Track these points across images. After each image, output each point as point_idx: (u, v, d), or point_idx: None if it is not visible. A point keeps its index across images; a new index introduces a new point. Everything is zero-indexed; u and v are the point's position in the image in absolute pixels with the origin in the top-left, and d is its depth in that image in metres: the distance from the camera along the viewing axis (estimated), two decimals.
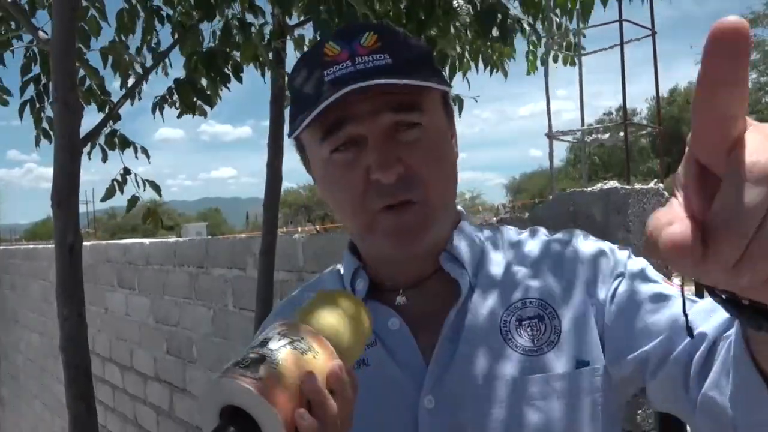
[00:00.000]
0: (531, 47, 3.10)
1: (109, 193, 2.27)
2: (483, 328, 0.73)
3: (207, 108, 2.60)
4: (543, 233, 0.82)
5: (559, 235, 0.81)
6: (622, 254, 0.76)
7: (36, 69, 2.51)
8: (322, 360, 0.55)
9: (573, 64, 3.55)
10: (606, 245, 0.78)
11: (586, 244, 0.78)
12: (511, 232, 0.83)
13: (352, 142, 0.69)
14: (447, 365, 0.71)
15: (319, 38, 1.94)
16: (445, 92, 0.75)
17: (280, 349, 0.53)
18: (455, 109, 2.82)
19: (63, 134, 1.68)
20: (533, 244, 0.80)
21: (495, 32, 1.94)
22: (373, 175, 0.68)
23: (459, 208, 0.83)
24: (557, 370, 0.69)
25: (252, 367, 0.51)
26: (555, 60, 3.54)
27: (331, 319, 0.59)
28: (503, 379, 0.70)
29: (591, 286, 0.73)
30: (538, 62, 3.15)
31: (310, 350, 0.54)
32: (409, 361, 0.73)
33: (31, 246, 7.84)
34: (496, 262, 0.78)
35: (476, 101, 2.91)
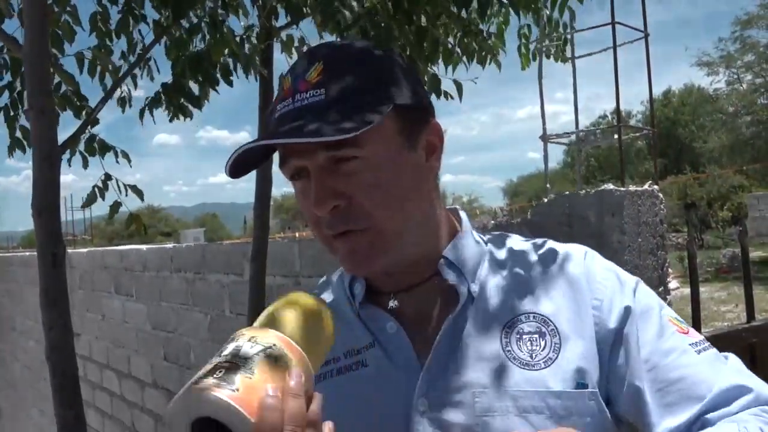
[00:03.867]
0: (523, 40, 3.08)
1: (90, 200, 2.23)
2: (482, 336, 0.74)
3: (196, 111, 2.58)
4: (551, 246, 0.82)
5: (568, 251, 0.81)
6: (630, 283, 0.78)
7: (7, 76, 2.45)
8: (293, 366, 0.54)
9: (564, 60, 3.49)
10: (616, 271, 0.79)
11: (596, 266, 0.79)
12: (517, 241, 0.84)
13: (303, 171, 0.72)
14: (442, 370, 0.73)
15: (289, 23, 1.89)
16: (403, 109, 0.72)
17: (254, 358, 0.52)
18: (456, 95, 2.82)
19: (40, 142, 1.66)
20: (540, 256, 0.81)
21: (474, 5, 1.89)
22: (312, 208, 0.71)
23: (461, 213, 0.84)
24: (552, 388, 0.70)
25: (227, 377, 0.50)
26: (548, 56, 3.49)
27: (299, 323, 0.60)
28: (498, 389, 0.71)
29: (598, 312, 0.74)
30: (530, 57, 3.14)
31: (282, 357, 0.54)
32: (406, 364, 0.74)
33: (28, 253, 7.82)
34: (500, 272, 0.79)
35: (475, 82, 2.89)
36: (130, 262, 4.69)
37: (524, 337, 0.73)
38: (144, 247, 4.76)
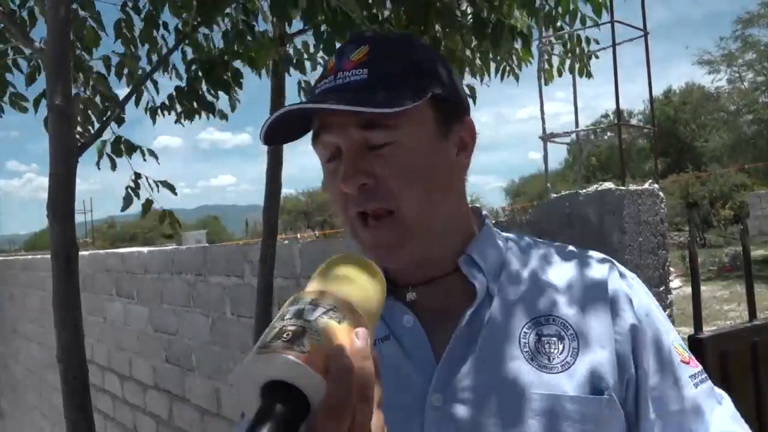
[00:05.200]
0: (546, 56, 3.08)
1: (127, 202, 2.25)
2: (501, 335, 0.74)
3: (228, 112, 2.62)
4: (572, 250, 0.83)
5: (590, 257, 0.81)
6: (650, 305, 0.78)
7: (41, 79, 2.50)
8: (358, 326, 0.55)
9: (589, 76, 3.43)
10: (639, 285, 0.79)
11: (620, 278, 0.78)
12: (538, 244, 0.84)
13: (337, 153, 0.73)
14: (458, 365, 0.73)
15: (322, 48, 1.96)
16: (440, 100, 0.73)
17: (318, 320, 0.52)
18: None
19: (57, 143, 1.68)
20: (562, 261, 0.80)
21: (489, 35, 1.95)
22: (340, 185, 0.72)
23: (484, 212, 0.85)
24: (568, 392, 0.70)
25: (295, 339, 0.50)
26: (571, 71, 3.43)
27: (357, 283, 0.60)
28: (513, 389, 0.70)
29: (621, 322, 0.74)
30: (554, 72, 3.13)
31: (345, 318, 0.54)
32: (421, 358, 0.74)
33: (30, 256, 7.83)
34: (521, 273, 0.79)
35: (488, 86, 2.93)
36: (131, 265, 4.69)
37: (543, 339, 0.73)
38: (145, 249, 4.76)
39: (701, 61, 22.88)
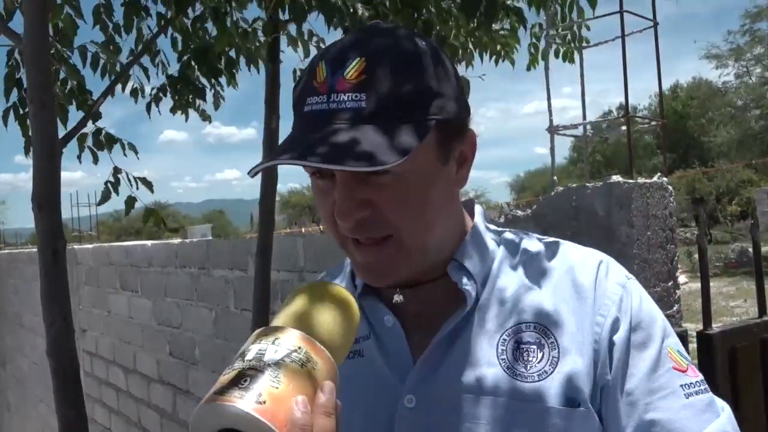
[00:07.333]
0: (533, 39, 3.05)
1: (105, 197, 2.21)
2: (480, 341, 0.72)
3: (211, 111, 2.58)
4: (566, 250, 0.78)
5: (582, 258, 0.77)
6: (639, 305, 0.73)
7: (20, 74, 2.44)
8: (320, 371, 0.53)
9: (572, 61, 3.45)
10: (628, 287, 0.74)
11: (609, 280, 0.74)
12: (531, 243, 0.80)
13: (326, 171, 0.68)
14: (434, 369, 0.71)
15: (293, 19, 1.90)
16: (448, 122, 0.68)
17: (279, 364, 0.50)
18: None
19: (40, 136, 1.65)
20: (553, 262, 0.77)
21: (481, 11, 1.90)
22: (335, 216, 0.67)
23: (477, 207, 0.81)
24: (543, 402, 0.67)
25: (252, 386, 0.48)
26: (556, 55, 3.46)
27: (324, 319, 0.57)
28: (487, 397, 0.69)
29: (599, 329, 0.70)
30: (539, 56, 3.12)
31: (308, 361, 0.52)
32: (398, 359, 0.73)
33: (34, 249, 7.83)
34: (508, 276, 0.76)
35: (482, 79, 2.87)
36: (135, 258, 4.69)
37: (522, 346, 0.70)
38: (149, 242, 4.76)
39: (709, 55, 22.72)
